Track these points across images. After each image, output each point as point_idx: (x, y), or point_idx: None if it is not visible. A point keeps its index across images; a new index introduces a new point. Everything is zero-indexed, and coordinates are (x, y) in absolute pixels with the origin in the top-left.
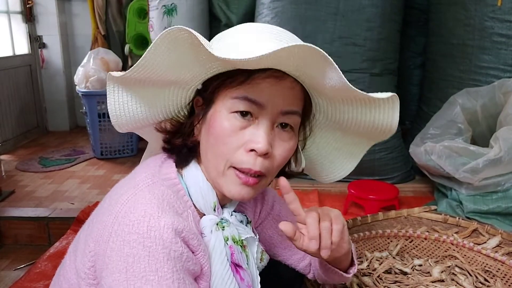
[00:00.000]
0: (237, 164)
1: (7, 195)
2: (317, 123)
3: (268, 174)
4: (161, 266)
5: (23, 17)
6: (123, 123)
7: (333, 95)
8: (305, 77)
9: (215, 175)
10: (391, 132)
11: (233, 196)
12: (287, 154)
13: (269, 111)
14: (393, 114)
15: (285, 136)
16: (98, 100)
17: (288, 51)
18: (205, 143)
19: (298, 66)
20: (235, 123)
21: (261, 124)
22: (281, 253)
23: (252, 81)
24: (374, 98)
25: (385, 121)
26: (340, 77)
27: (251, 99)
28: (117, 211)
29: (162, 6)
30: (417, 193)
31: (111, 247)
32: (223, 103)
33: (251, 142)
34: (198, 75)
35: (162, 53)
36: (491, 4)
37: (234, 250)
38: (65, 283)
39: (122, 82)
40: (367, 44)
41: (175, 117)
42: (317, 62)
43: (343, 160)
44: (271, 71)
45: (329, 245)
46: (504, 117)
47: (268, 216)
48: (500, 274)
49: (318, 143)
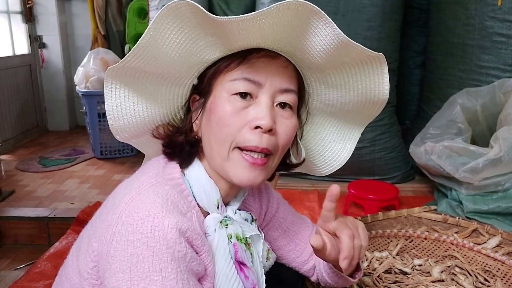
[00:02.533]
0: (242, 143)
1: (7, 195)
2: (312, 108)
3: (275, 152)
4: (165, 266)
5: (23, 17)
6: (121, 127)
7: (325, 65)
8: (297, 50)
9: (220, 162)
10: (383, 103)
11: (242, 181)
12: (291, 132)
13: (268, 89)
14: (382, 77)
15: (285, 114)
16: (98, 100)
17: (283, 6)
18: (207, 133)
19: (292, 33)
20: (236, 104)
21: (261, 102)
22: (285, 256)
23: (248, 61)
24: (365, 51)
25: (376, 88)
26: (334, 28)
27: (250, 79)
28: (121, 210)
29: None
30: (417, 193)
31: (115, 246)
32: (222, 87)
33: (255, 119)
34: (194, 65)
35: (163, 32)
36: (491, 4)
37: (238, 248)
38: (67, 283)
39: (120, 77)
40: (367, 44)
41: (172, 120)
42: (310, 22)
43: (339, 146)
44: (264, 51)
45: (352, 259)
46: (504, 117)
47: (272, 218)
48: (500, 274)
49: (314, 132)
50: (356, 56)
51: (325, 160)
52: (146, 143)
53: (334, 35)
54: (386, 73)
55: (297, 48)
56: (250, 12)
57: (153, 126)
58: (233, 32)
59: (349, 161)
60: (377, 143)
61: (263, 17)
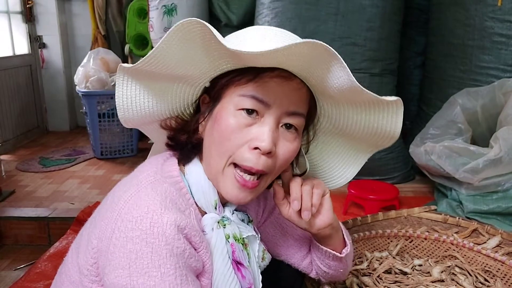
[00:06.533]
0: (239, 161)
1: (7, 195)
2: (321, 127)
3: (270, 173)
4: (164, 263)
5: (23, 17)
6: (129, 118)
7: (339, 98)
8: (312, 78)
9: (215, 173)
10: (393, 139)
11: (230, 199)
12: (290, 155)
13: (275, 110)
14: (396, 119)
15: (289, 137)
16: (98, 100)
17: (297, 46)
18: (209, 139)
19: (305, 64)
20: (241, 120)
21: (266, 122)
22: (283, 252)
23: (260, 79)
24: (380, 99)
25: (389, 127)
26: (348, 74)
27: (258, 98)
28: (120, 208)
29: (162, 6)
30: (417, 193)
31: (114, 243)
32: (230, 100)
33: (256, 140)
34: (207, 72)
35: (174, 45)
36: (491, 4)
37: (235, 248)
38: (67, 281)
39: (132, 74)
40: (367, 44)
41: (181, 114)
42: (324, 60)
43: (343, 167)
44: (279, 71)
45: (309, 207)
46: (504, 117)
47: (270, 215)
48: (500, 274)
49: (320, 148)
50: (371, 99)
51: (326, 177)
52: (153, 131)
53: (348, 80)
54: (401, 115)
55: (312, 76)
56: (250, 13)
57: (161, 118)
58: (246, 57)
59: None
60: None
61: (277, 51)
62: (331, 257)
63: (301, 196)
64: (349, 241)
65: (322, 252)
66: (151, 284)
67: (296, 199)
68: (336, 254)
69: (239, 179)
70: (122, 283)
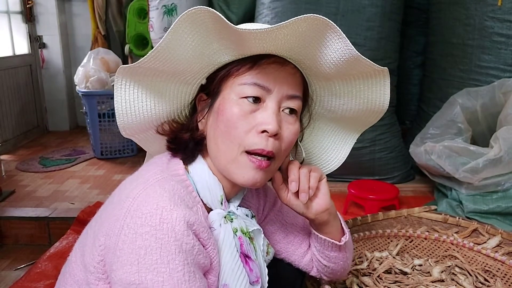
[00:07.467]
0: (249, 146)
1: (8, 195)
2: (313, 113)
3: (278, 156)
4: (173, 259)
5: (23, 17)
6: (128, 124)
7: (333, 74)
8: (307, 59)
9: (225, 163)
10: (381, 113)
11: (247, 181)
12: (293, 137)
13: (276, 94)
14: (384, 90)
15: (290, 120)
16: (98, 100)
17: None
18: (214, 133)
19: (302, 43)
20: (245, 107)
21: (269, 107)
22: (284, 249)
23: (259, 67)
24: (373, 65)
25: (377, 99)
26: (346, 43)
27: (259, 84)
28: (128, 205)
29: (162, 6)
30: (417, 193)
31: (123, 239)
32: (231, 90)
33: (262, 123)
34: (205, 67)
35: (182, 32)
36: (491, 4)
37: (243, 241)
38: (71, 280)
39: (132, 74)
40: (367, 44)
41: (177, 117)
42: (322, 34)
43: (336, 150)
44: (274, 57)
45: (307, 189)
46: (504, 117)
47: (270, 211)
48: (500, 274)
49: (314, 134)
50: (362, 69)
51: (321, 162)
52: (148, 140)
53: (346, 49)
54: (388, 85)
55: (307, 57)
56: (250, 13)
57: (158, 123)
58: (248, 40)
59: (349, 161)
60: (377, 143)
61: (280, 29)
62: (331, 247)
63: (299, 178)
64: (347, 229)
65: (321, 242)
66: (160, 280)
67: (294, 180)
68: (335, 242)
69: (254, 160)
70: (130, 279)
